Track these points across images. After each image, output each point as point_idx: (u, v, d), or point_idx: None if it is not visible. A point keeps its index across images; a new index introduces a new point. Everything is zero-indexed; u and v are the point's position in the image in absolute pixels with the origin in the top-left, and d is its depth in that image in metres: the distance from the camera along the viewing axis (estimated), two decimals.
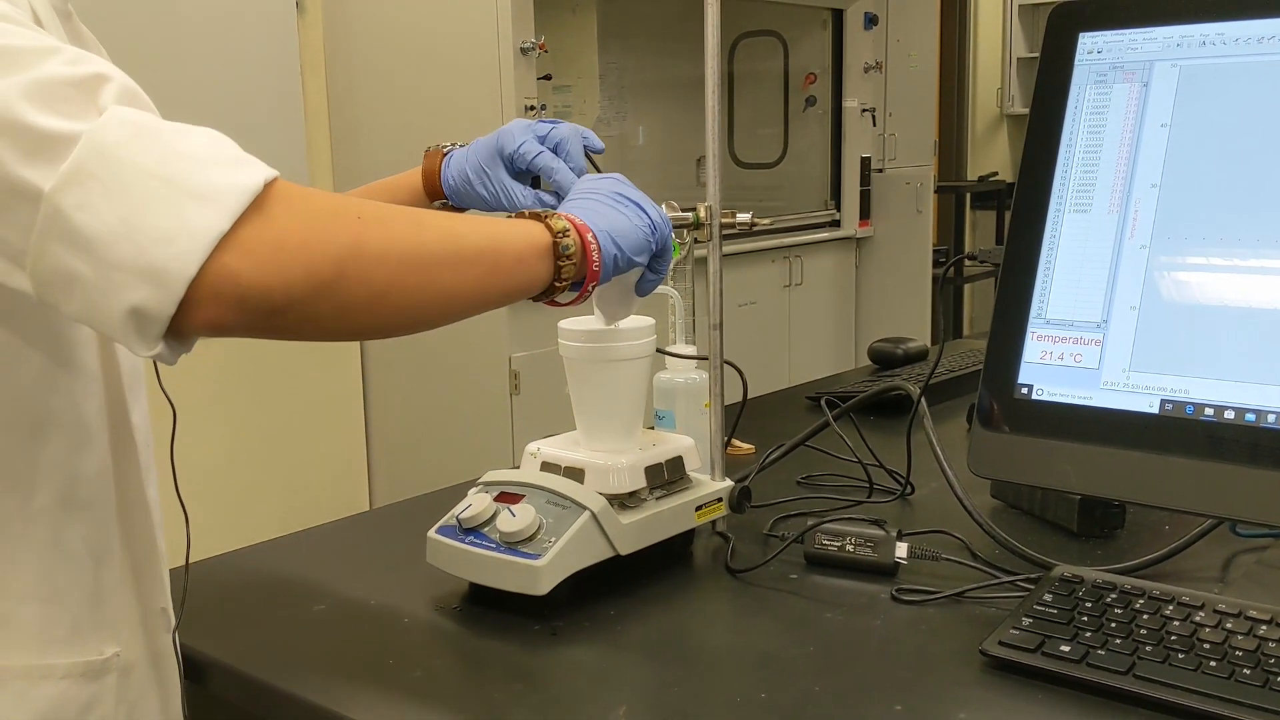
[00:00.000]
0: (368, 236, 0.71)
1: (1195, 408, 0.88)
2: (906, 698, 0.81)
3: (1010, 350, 0.96)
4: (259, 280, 0.66)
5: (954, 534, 1.06)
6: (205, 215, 0.64)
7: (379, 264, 0.71)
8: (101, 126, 0.65)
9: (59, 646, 0.80)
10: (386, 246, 0.72)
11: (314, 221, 0.69)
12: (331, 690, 0.86)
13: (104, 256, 0.64)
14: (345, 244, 0.70)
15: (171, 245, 0.64)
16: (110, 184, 0.64)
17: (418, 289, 0.75)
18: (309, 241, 0.68)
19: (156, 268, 0.64)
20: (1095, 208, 0.94)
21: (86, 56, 0.69)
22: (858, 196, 4.16)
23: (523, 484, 1.00)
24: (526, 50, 2.83)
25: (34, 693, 0.78)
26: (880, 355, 1.89)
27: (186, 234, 0.64)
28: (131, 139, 0.65)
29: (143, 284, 0.64)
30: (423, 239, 0.75)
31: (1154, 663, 0.79)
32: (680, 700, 0.82)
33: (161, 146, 0.66)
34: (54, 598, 0.80)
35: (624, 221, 0.89)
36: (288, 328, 0.70)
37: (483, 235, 0.79)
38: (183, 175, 0.65)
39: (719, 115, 1.06)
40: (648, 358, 1.04)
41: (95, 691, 0.82)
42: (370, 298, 0.72)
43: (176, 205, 0.64)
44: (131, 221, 0.64)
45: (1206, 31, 0.91)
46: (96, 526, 0.83)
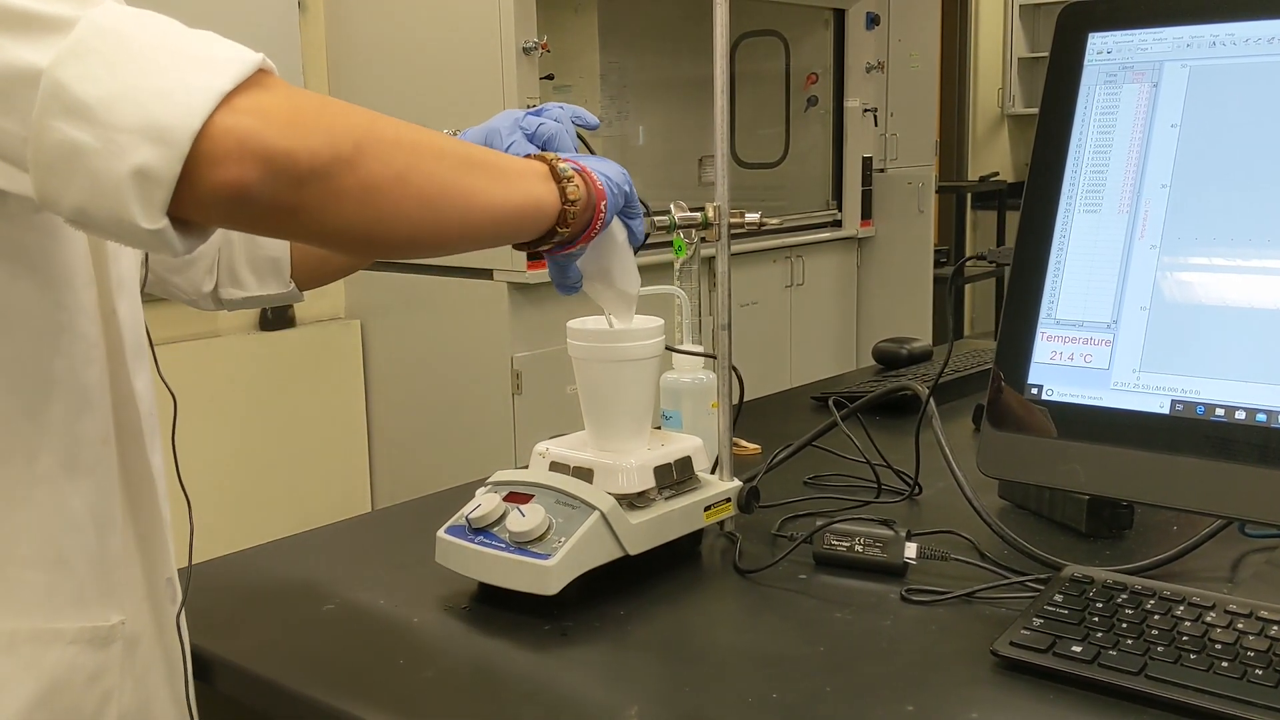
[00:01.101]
0: (380, 123, 0.72)
1: (1205, 408, 0.88)
2: (917, 698, 0.81)
3: (1020, 350, 0.96)
4: (282, 142, 0.65)
5: (963, 534, 1.06)
6: (206, 75, 0.65)
7: (395, 147, 0.72)
8: (102, 11, 0.65)
9: (65, 611, 0.80)
10: (399, 134, 0.73)
11: (326, 102, 0.70)
12: (342, 690, 0.85)
13: (105, 119, 0.63)
14: (360, 125, 0.71)
15: (172, 100, 0.63)
16: (112, 55, 0.64)
17: (437, 178, 0.75)
18: (325, 116, 0.69)
19: (160, 124, 0.63)
20: (1105, 208, 0.94)
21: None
22: (859, 196, 4.16)
23: (532, 484, 1.00)
24: (529, 50, 2.83)
25: (43, 657, 0.79)
26: (885, 355, 1.89)
27: (186, 90, 0.64)
28: (133, 19, 0.66)
29: (146, 142, 0.63)
30: (431, 137, 0.77)
31: (1166, 663, 0.79)
32: (691, 700, 0.82)
33: (162, 26, 0.67)
34: (59, 563, 0.80)
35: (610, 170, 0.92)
36: (313, 203, 0.68)
37: (487, 152, 0.83)
38: (184, 45, 0.66)
39: (726, 116, 1.06)
40: (656, 358, 1.04)
41: (102, 660, 0.82)
42: (393, 178, 0.72)
43: (178, 69, 0.65)
44: (134, 84, 0.63)
45: (1216, 32, 0.91)
46: (100, 493, 0.83)
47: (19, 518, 0.78)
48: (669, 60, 4.04)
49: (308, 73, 3.18)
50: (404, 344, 3.30)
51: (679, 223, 1.08)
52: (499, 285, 2.97)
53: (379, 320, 3.34)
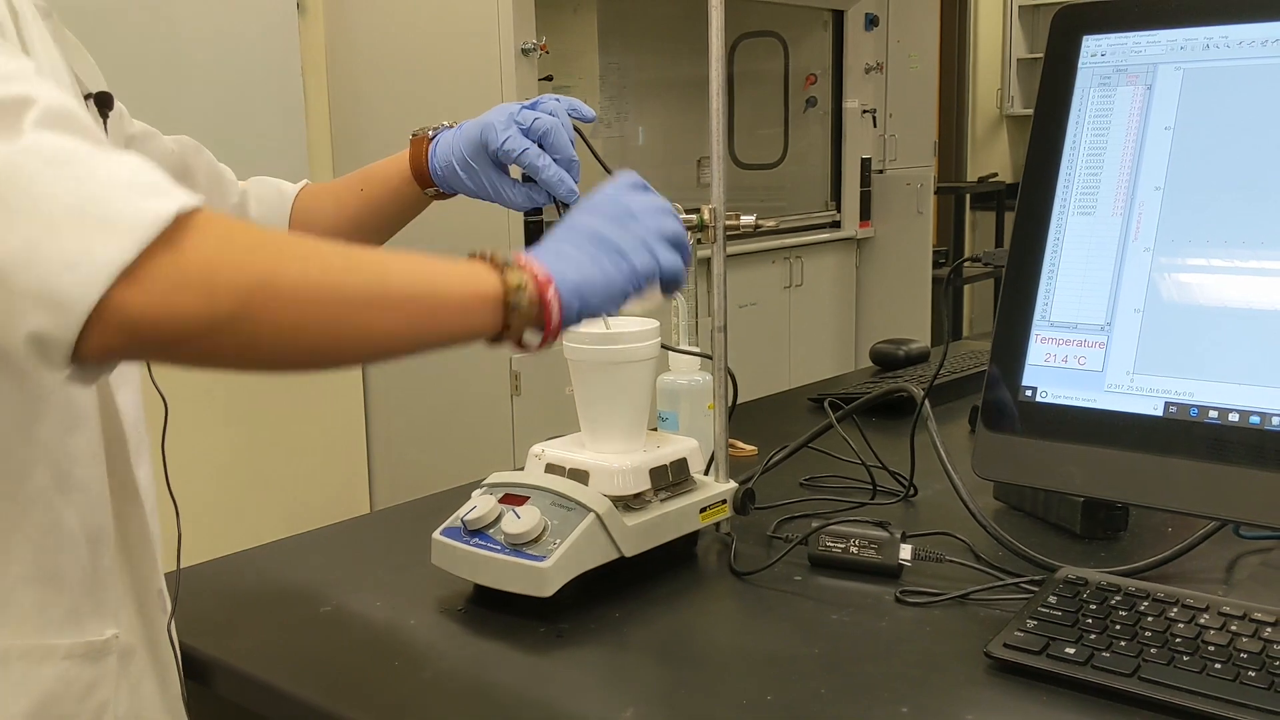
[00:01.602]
0: (282, 272, 0.67)
1: (1199, 410, 0.88)
2: (912, 699, 0.81)
3: (1014, 352, 0.96)
4: (149, 312, 0.63)
5: (958, 536, 1.07)
6: (111, 244, 0.62)
7: (290, 302, 0.67)
8: (16, 151, 0.63)
9: (58, 627, 0.80)
10: (301, 283, 0.67)
11: (223, 253, 0.65)
12: (339, 692, 0.86)
13: (5, 281, 0.62)
14: (254, 278, 0.66)
15: (74, 273, 0.62)
16: (18, 209, 0.62)
17: (334, 330, 0.70)
18: (214, 275, 0.65)
19: (57, 296, 0.62)
20: (1099, 210, 0.94)
21: (16, 75, 0.66)
22: (858, 197, 4.17)
23: (528, 486, 1.00)
24: (528, 51, 2.83)
25: (36, 674, 0.79)
26: (882, 357, 1.89)
27: (89, 262, 0.62)
28: (45, 167, 0.63)
29: (43, 311, 0.62)
30: (348, 280, 0.70)
31: (1159, 665, 0.79)
32: (687, 702, 0.82)
33: (76, 174, 0.64)
34: (52, 579, 0.80)
35: (596, 272, 0.79)
36: (188, 359, 0.67)
37: (420, 279, 0.73)
38: (93, 202, 0.63)
39: (723, 117, 1.06)
40: (652, 359, 1.04)
41: (96, 674, 0.82)
42: (278, 335, 0.68)
43: (83, 232, 0.62)
44: (36, 247, 0.62)
45: (1210, 34, 0.91)
46: (90, 509, 0.83)
47: (12, 536, 0.78)
48: (668, 61, 4.04)
49: (306, 74, 3.18)
50: None
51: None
52: None
53: None
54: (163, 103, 1.00)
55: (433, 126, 1.11)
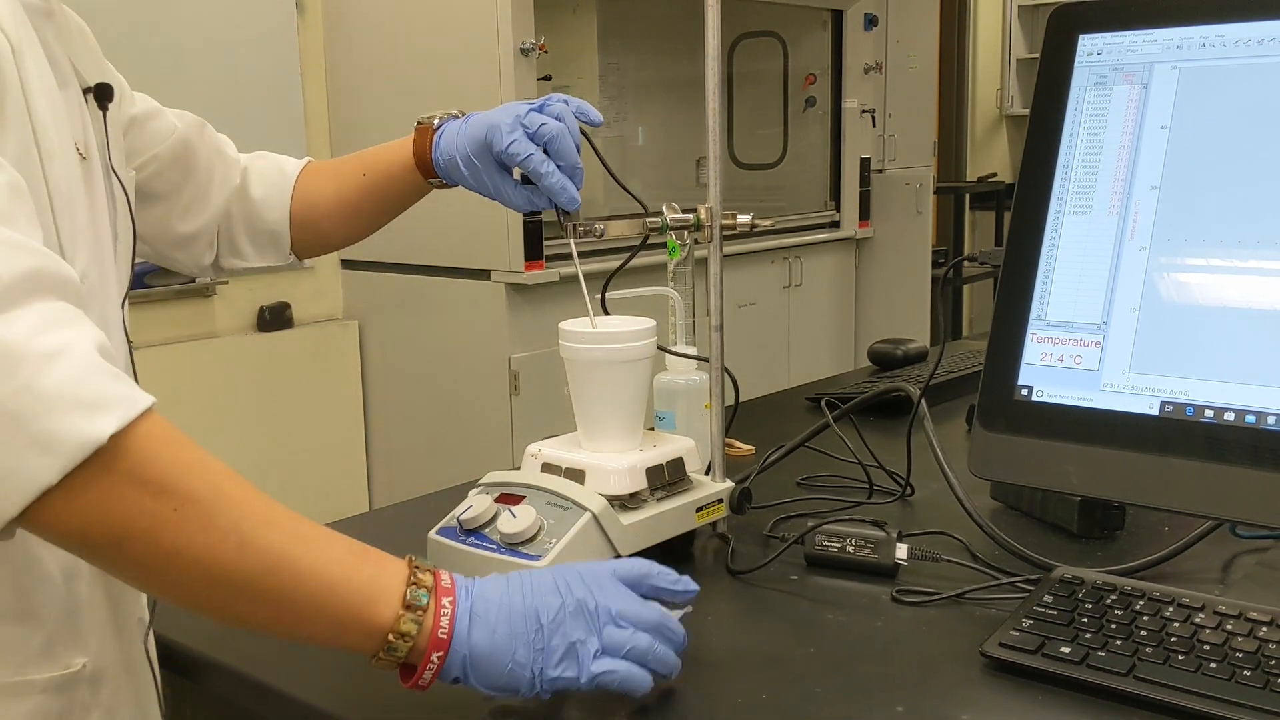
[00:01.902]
0: (168, 534, 0.67)
1: (1195, 409, 0.88)
2: (908, 699, 0.81)
3: (1010, 352, 0.96)
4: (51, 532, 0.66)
5: (954, 535, 1.07)
6: (37, 464, 0.63)
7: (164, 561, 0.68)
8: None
9: (36, 662, 0.81)
10: (185, 550, 0.67)
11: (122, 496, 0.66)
12: (333, 693, 0.86)
13: None
14: (140, 527, 0.66)
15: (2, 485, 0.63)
16: None
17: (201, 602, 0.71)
18: (103, 517, 0.66)
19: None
20: (1095, 209, 0.94)
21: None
22: (857, 197, 4.16)
23: (523, 485, 1.00)
24: (526, 51, 2.83)
25: (11, 709, 0.79)
26: (880, 356, 1.89)
27: (15, 479, 0.63)
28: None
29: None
30: (230, 561, 0.68)
31: (1154, 664, 0.79)
32: (682, 701, 0.82)
33: (20, 379, 0.63)
34: (29, 616, 0.80)
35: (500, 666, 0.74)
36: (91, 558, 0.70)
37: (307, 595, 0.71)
38: (30, 416, 0.63)
39: (720, 118, 1.06)
40: (648, 359, 1.04)
41: (66, 704, 0.83)
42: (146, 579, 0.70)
43: (17, 448, 0.63)
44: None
45: (1206, 33, 0.91)
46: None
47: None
48: (668, 61, 4.04)
49: (305, 74, 3.18)
50: (402, 344, 3.30)
51: (671, 224, 1.08)
52: (497, 286, 2.97)
53: (377, 321, 3.34)
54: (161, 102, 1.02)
55: (439, 115, 1.10)
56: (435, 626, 0.74)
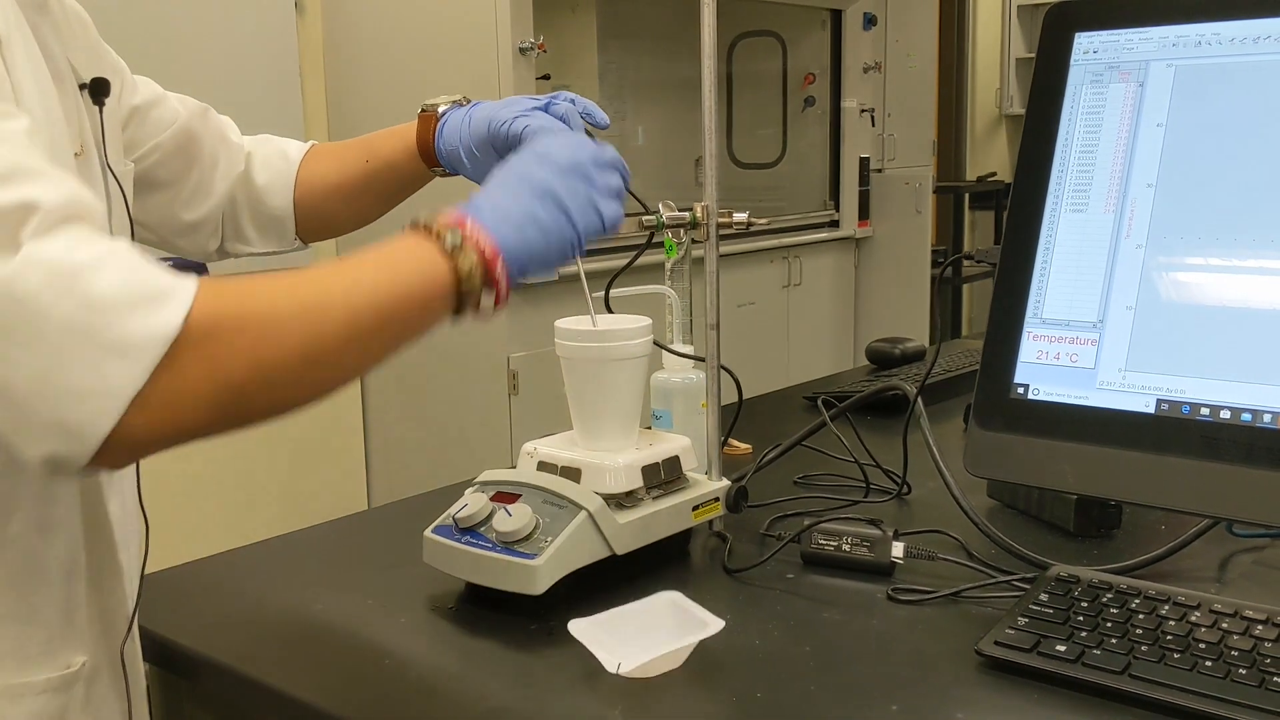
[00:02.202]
0: (267, 354, 0.69)
1: (1191, 407, 0.88)
2: (903, 697, 0.81)
3: (1006, 350, 0.96)
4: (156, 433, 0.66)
5: (950, 534, 1.07)
6: (121, 372, 0.63)
7: (280, 375, 0.70)
8: (17, 274, 0.63)
9: (34, 663, 0.81)
10: (286, 356, 0.69)
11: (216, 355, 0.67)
12: (329, 690, 0.86)
13: (21, 409, 0.64)
14: (244, 370, 0.68)
15: (86, 404, 0.63)
16: (27, 337, 0.63)
17: (321, 380, 0.73)
18: (213, 383, 0.66)
19: (71, 426, 0.64)
20: (1091, 207, 0.94)
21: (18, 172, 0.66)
22: (857, 197, 4.16)
23: (519, 483, 1.00)
24: (525, 50, 2.83)
25: (11, 710, 0.79)
26: (878, 355, 1.89)
27: (102, 393, 0.63)
28: (47, 285, 0.63)
29: (58, 439, 0.64)
30: (325, 330, 0.71)
31: (1149, 662, 0.79)
32: (677, 700, 0.82)
33: (79, 294, 0.64)
34: (30, 617, 0.80)
35: (539, 238, 0.81)
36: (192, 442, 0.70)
37: (387, 301, 0.75)
38: (99, 327, 0.63)
39: (715, 116, 1.06)
40: (644, 357, 1.04)
41: (65, 702, 0.83)
42: (273, 404, 0.71)
43: (93, 360, 0.63)
44: (48, 378, 0.63)
45: (1202, 31, 0.91)
46: (67, 545, 0.83)
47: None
48: (667, 60, 4.04)
49: (305, 73, 3.18)
50: None
51: (667, 223, 1.08)
52: None
53: None
54: None
55: (443, 102, 1.09)
56: (479, 247, 0.77)
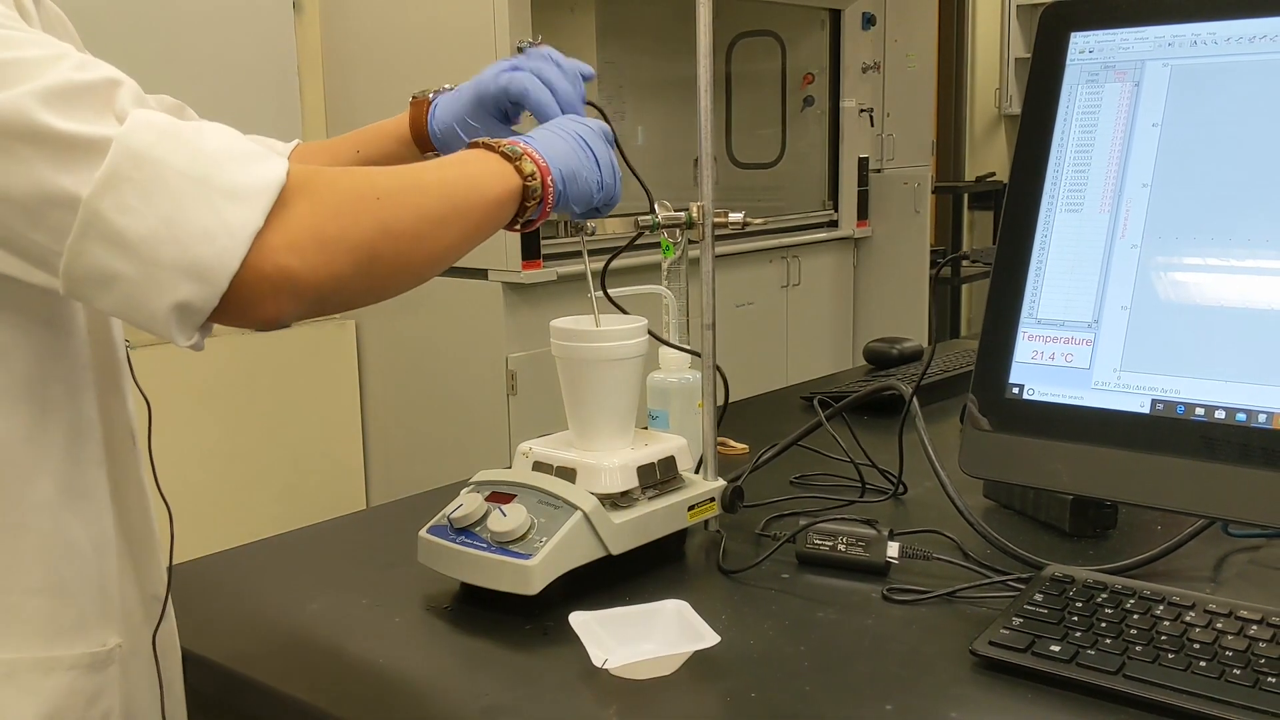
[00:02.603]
0: (388, 216, 0.75)
1: (1186, 407, 0.88)
2: (898, 697, 0.81)
3: (1002, 350, 0.96)
4: (313, 277, 0.71)
5: (946, 534, 1.06)
6: (241, 212, 0.68)
7: (401, 239, 0.77)
8: (130, 131, 0.67)
9: (66, 638, 0.80)
10: (404, 222, 0.76)
11: (342, 210, 0.73)
12: (323, 689, 0.86)
13: (149, 256, 0.67)
14: (374, 228, 0.74)
15: (214, 243, 0.67)
16: (147, 186, 0.67)
17: (432, 252, 0.80)
18: (345, 231, 0.73)
19: (201, 265, 0.67)
20: (1087, 207, 0.94)
21: (92, 61, 0.70)
22: (855, 197, 4.16)
23: (514, 484, 1.00)
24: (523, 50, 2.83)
25: (43, 685, 0.78)
26: (875, 355, 1.88)
27: (226, 231, 0.68)
28: (159, 142, 0.68)
29: (187, 281, 0.67)
30: (428, 204, 0.79)
31: (1144, 662, 0.79)
32: (672, 700, 0.82)
33: (189, 147, 0.69)
34: (60, 590, 0.79)
35: (582, 170, 0.91)
36: (325, 311, 0.75)
37: (472, 189, 0.83)
38: (214, 174, 0.68)
39: (711, 116, 1.06)
40: (640, 357, 1.04)
41: (101, 682, 0.82)
42: (397, 270, 0.78)
43: (212, 204, 0.68)
44: (172, 221, 0.67)
45: (1198, 31, 0.91)
46: (96, 517, 0.82)
47: (19, 546, 0.77)
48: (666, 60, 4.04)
49: (303, 74, 3.18)
50: (399, 344, 3.30)
51: (663, 223, 1.08)
52: (494, 285, 2.97)
53: (374, 320, 3.34)
54: None
55: (433, 89, 1.11)
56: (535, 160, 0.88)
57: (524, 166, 0.86)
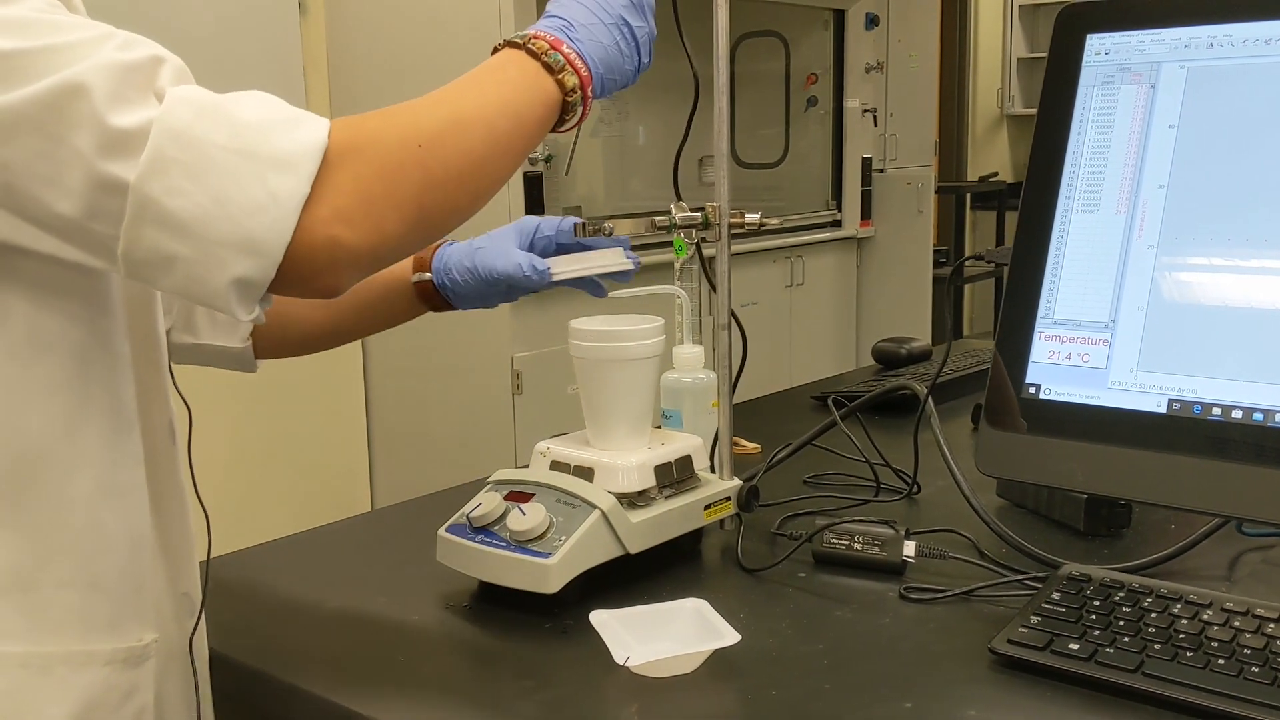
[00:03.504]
0: (432, 165, 0.75)
1: (1202, 407, 0.88)
2: (916, 695, 0.81)
3: (1018, 350, 0.97)
4: (364, 243, 0.72)
5: (961, 533, 1.07)
6: (287, 182, 0.69)
7: (447, 186, 0.77)
8: (169, 111, 0.68)
9: (100, 633, 0.80)
10: (448, 167, 0.76)
11: (386, 167, 0.73)
12: (343, 687, 0.86)
13: (203, 235, 0.68)
14: (419, 181, 0.74)
15: (265, 215, 0.68)
16: (192, 166, 0.68)
17: (477, 188, 0.80)
18: (391, 191, 0.73)
19: (255, 238, 0.68)
20: (1103, 208, 0.94)
21: (135, 39, 0.71)
22: (859, 197, 4.17)
23: (533, 483, 1.01)
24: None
25: (77, 679, 0.78)
26: (884, 355, 1.89)
27: (275, 202, 0.68)
28: (198, 119, 0.69)
29: (244, 255, 0.68)
30: (472, 145, 0.78)
31: (1162, 660, 0.80)
32: (691, 697, 0.82)
33: (227, 120, 0.69)
34: (94, 584, 0.79)
35: (619, 64, 0.90)
36: (385, 266, 0.77)
37: (512, 115, 0.82)
38: (254, 145, 0.69)
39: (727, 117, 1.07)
40: (656, 357, 1.04)
41: (135, 678, 0.82)
42: (446, 215, 0.78)
43: (258, 176, 0.68)
44: (222, 198, 0.68)
45: (1214, 33, 0.92)
46: (132, 513, 0.82)
47: (55, 540, 0.78)
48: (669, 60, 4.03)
49: (308, 73, 3.18)
50: (404, 343, 3.30)
51: (680, 223, 1.08)
52: None
53: None
54: None
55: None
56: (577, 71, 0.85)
57: (566, 80, 0.84)
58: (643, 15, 0.92)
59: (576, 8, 0.89)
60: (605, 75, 0.89)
